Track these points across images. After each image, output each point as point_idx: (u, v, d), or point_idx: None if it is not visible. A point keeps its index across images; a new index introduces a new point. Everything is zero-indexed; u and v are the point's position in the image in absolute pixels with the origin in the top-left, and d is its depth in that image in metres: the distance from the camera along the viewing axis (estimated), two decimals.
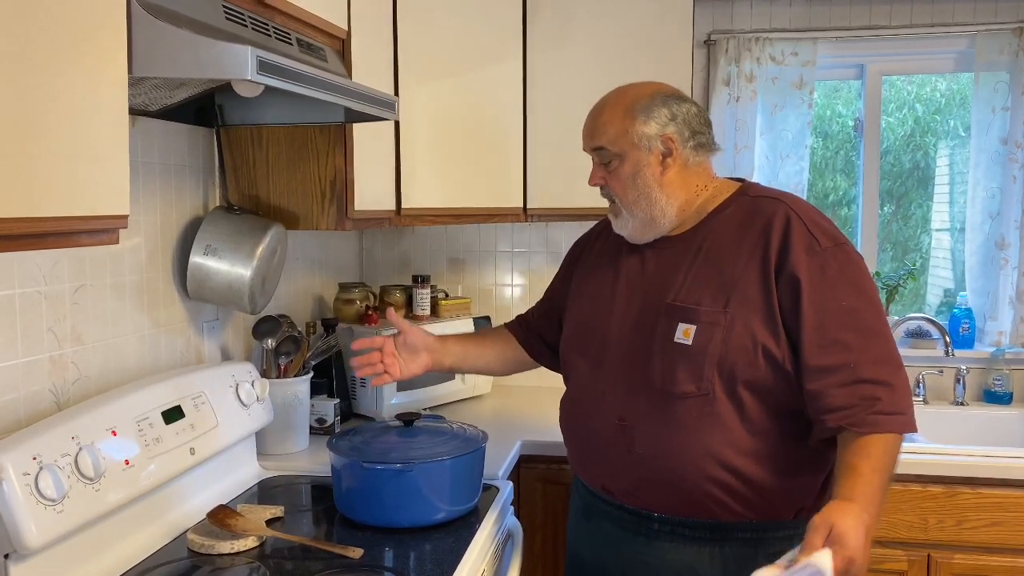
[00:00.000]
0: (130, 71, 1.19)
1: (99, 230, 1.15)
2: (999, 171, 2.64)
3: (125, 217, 1.18)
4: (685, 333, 1.51)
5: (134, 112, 1.71)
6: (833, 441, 1.45)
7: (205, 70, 1.22)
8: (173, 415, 1.63)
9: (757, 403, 1.49)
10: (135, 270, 1.74)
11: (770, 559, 1.51)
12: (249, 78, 1.22)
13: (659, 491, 1.55)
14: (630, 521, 1.60)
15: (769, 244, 1.50)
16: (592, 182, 1.65)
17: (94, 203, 1.11)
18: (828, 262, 1.47)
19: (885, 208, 2.89)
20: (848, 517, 1.29)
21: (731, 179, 1.67)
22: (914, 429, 1.44)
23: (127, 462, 1.47)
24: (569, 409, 1.73)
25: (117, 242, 1.19)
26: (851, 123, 2.92)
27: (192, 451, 1.65)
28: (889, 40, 2.71)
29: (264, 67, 1.26)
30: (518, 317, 1.98)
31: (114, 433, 1.47)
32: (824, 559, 1.28)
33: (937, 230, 2.95)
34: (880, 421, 1.40)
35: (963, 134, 2.89)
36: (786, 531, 1.53)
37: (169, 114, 1.79)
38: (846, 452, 1.40)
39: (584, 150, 1.65)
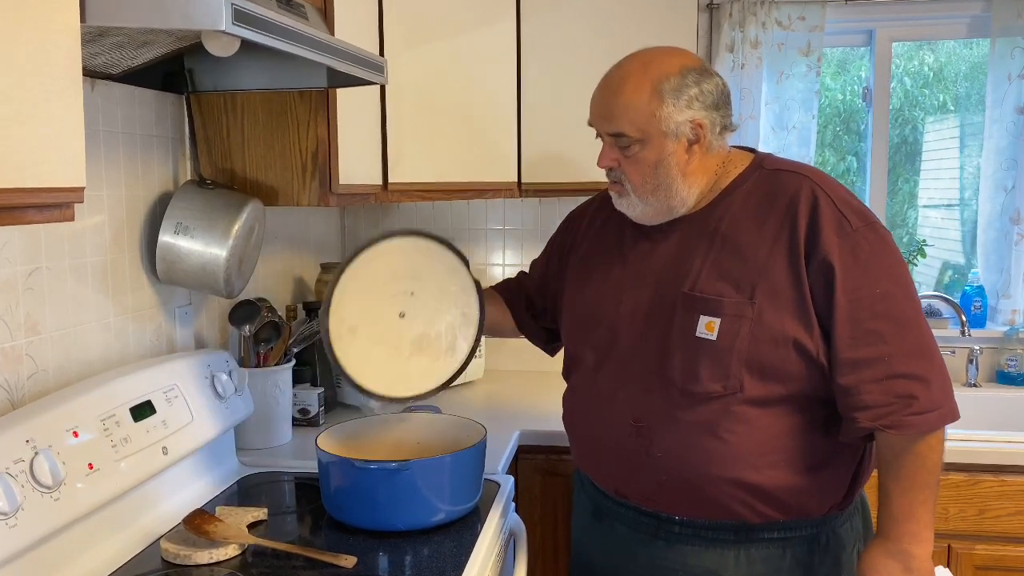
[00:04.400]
0: (83, 19, 1.03)
1: (50, 205, 0.99)
2: (1014, 142, 2.52)
3: (80, 190, 1.01)
4: (708, 327, 1.37)
5: (94, 75, 1.54)
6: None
7: (171, 19, 1.06)
8: (143, 411, 1.48)
9: (787, 398, 1.37)
10: (98, 251, 1.58)
11: (797, 559, 1.41)
12: (223, 29, 1.06)
13: (681, 495, 1.43)
14: (648, 524, 1.48)
15: (796, 226, 1.36)
16: (602, 164, 1.47)
17: (42, 173, 0.95)
18: (860, 244, 1.34)
19: (868, 183, 2.78)
20: (876, 571, 1.35)
21: (742, 148, 1.53)
22: (955, 418, 1.34)
23: (91, 466, 1.32)
24: (575, 408, 1.60)
25: (72, 219, 1.03)
26: (840, 97, 2.81)
27: (165, 450, 1.50)
28: (900, 4, 2.58)
29: (240, 17, 1.10)
30: (517, 286, 1.82)
31: (75, 434, 1.31)
32: None
33: (924, 206, 2.87)
34: (915, 423, 1.30)
35: (952, 108, 2.80)
36: (812, 529, 1.43)
37: (134, 78, 1.63)
38: (883, 471, 1.36)
39: (595, 128, 1.47)
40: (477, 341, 1.65)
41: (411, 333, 1.61)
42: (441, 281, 1.64)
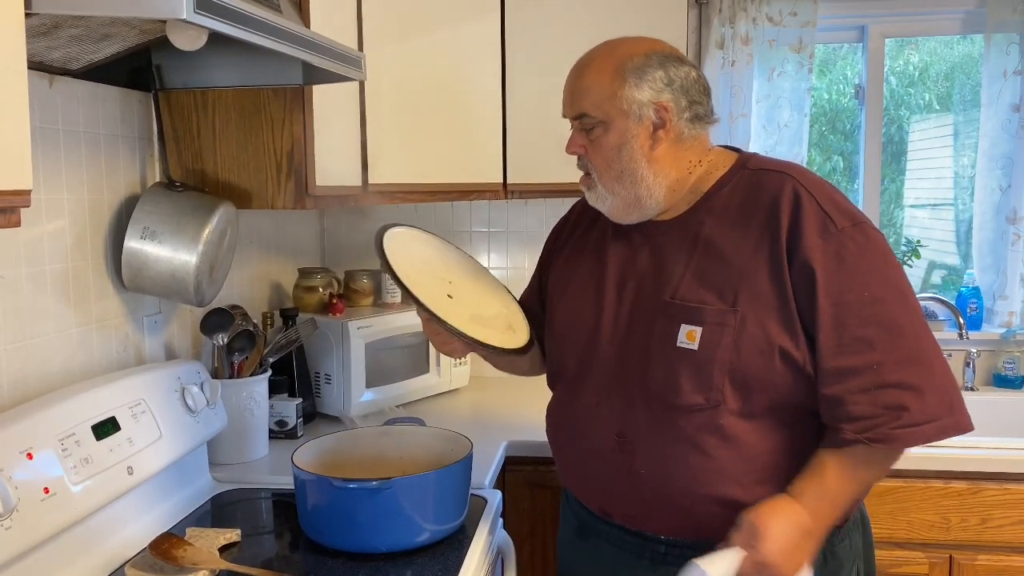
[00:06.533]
0: (28, 7, 0.94)
1: None
2: (1010, 140, 2.47)
3: (27, 193, 0.93)
4: (689, 336, 1.30)
5: (53, 70, 1.45)
6: None
7: (127, 6, 0.98)
8: (106, 429, 1.39)
9: (773, 411, 1.30)
10: (58, 257, 1.48)
11: None
12: (184, 17, 0.98)
13: (665, 514, 1.36)
14: (633, 544, 1.40)
15: (778, 227, 1.29)
16: (570, 150, 1.42)
17: None
18: (845, 245, 1.26)
19: (855, 183, 2.72)
20: (777, 518, 1.23)
21: (726, 148, 1.46)
22: (960, 431, 1.26)
23: (46, 490, 1.23)
24: (558, 421, 1.51)
25: (19, 224, 0.94)
26: (827, 95, 2.77)
27: (130, 470, 1.41)
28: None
29: (203, 6, 1.01)
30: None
31: (30, 456, 1.22)
32: (728, 559, 1.22)
33: (911, 206, 2.83)
34: (903, 436, 1.23)
35: (937, 107, 2.76)
36: None
37: (97, 74, 1.54)
38: (830, 448, 1.27)
39: (564, 116, 1.42)
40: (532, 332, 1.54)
41: (466, 313, 1.49)
42: (470, 277, 1.58)
